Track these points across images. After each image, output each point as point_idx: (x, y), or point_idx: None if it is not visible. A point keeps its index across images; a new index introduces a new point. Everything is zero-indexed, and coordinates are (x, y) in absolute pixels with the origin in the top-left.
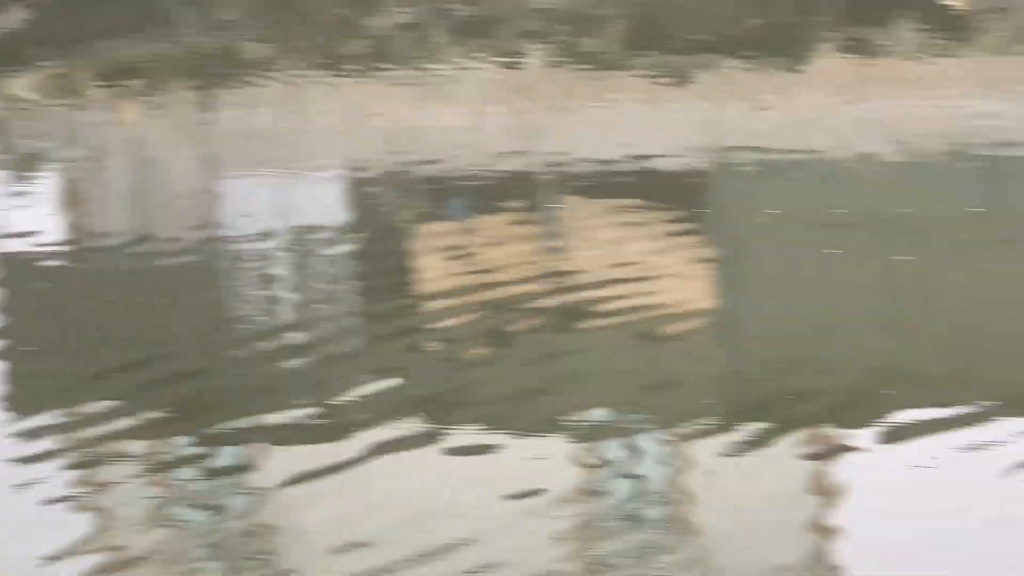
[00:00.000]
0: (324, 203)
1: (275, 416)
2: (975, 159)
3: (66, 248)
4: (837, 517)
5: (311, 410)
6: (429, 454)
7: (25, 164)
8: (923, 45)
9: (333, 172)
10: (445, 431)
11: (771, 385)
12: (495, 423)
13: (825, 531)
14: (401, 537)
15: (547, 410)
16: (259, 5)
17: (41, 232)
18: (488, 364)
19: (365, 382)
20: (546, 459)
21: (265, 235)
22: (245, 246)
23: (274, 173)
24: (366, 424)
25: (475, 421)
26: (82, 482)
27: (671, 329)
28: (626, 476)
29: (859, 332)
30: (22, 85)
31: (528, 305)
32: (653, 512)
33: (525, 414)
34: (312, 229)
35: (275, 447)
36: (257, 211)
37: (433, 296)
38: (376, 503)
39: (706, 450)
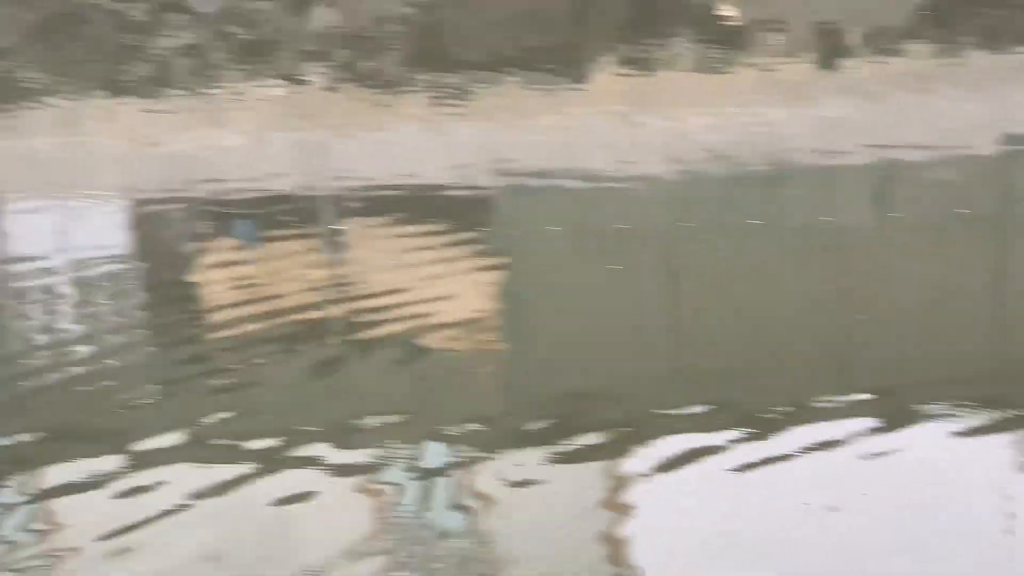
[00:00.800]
0: (105, 228)
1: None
2: (754, 170)
3: None
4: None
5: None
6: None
7: None
8: (700, 59)
9: (114, 197)
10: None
11: (558, 400)
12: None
13: (616, 543)
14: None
15: (329, 419)
16: (35, 30)
17: None
18: (273, 377)
19: (152, 400)
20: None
21: (45, 260)
22: (25, 270)
23: (54, 199)
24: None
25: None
26: None
27: (455, 345)
28: (418, 487)
29: (644, 344)
30: None
31: (312, 320)
32: (449, 524)
33: (312, 424)
34: (94, 254)
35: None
36: (37, 237)
37: (218, 314)
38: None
39: (496, 466)
